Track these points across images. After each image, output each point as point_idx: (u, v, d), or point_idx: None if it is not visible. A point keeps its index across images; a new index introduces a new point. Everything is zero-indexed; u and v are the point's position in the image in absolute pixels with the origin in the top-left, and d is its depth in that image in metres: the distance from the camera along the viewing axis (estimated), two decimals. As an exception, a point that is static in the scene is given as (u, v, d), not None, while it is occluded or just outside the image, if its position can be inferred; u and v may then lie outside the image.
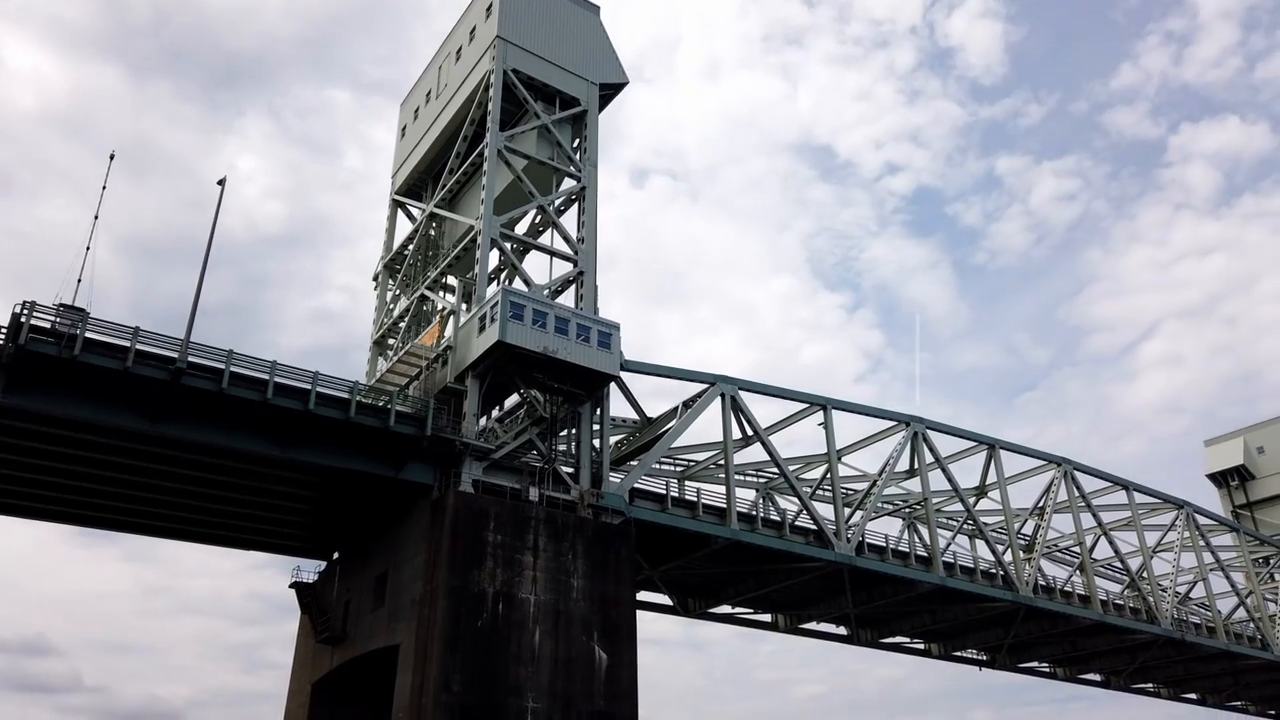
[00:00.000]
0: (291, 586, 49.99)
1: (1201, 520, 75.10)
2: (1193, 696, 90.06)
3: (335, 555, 51.89)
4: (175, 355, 37.05)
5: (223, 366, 37.98)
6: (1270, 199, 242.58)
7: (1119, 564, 69.46)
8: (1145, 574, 68.68)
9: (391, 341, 56.90)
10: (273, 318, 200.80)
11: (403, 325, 55.51)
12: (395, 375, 49.40)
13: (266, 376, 38.84)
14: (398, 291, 58.87)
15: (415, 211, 60.48)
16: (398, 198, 61.71)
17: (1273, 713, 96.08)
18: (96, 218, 41.45)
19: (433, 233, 57.30)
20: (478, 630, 37.75)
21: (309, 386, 39.56)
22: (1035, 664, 77.73)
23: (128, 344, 36.45)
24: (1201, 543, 73.84)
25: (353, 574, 48.05)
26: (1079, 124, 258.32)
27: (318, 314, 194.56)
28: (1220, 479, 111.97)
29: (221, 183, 44.18)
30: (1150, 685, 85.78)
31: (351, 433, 40.83)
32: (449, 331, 47.72)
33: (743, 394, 51.26)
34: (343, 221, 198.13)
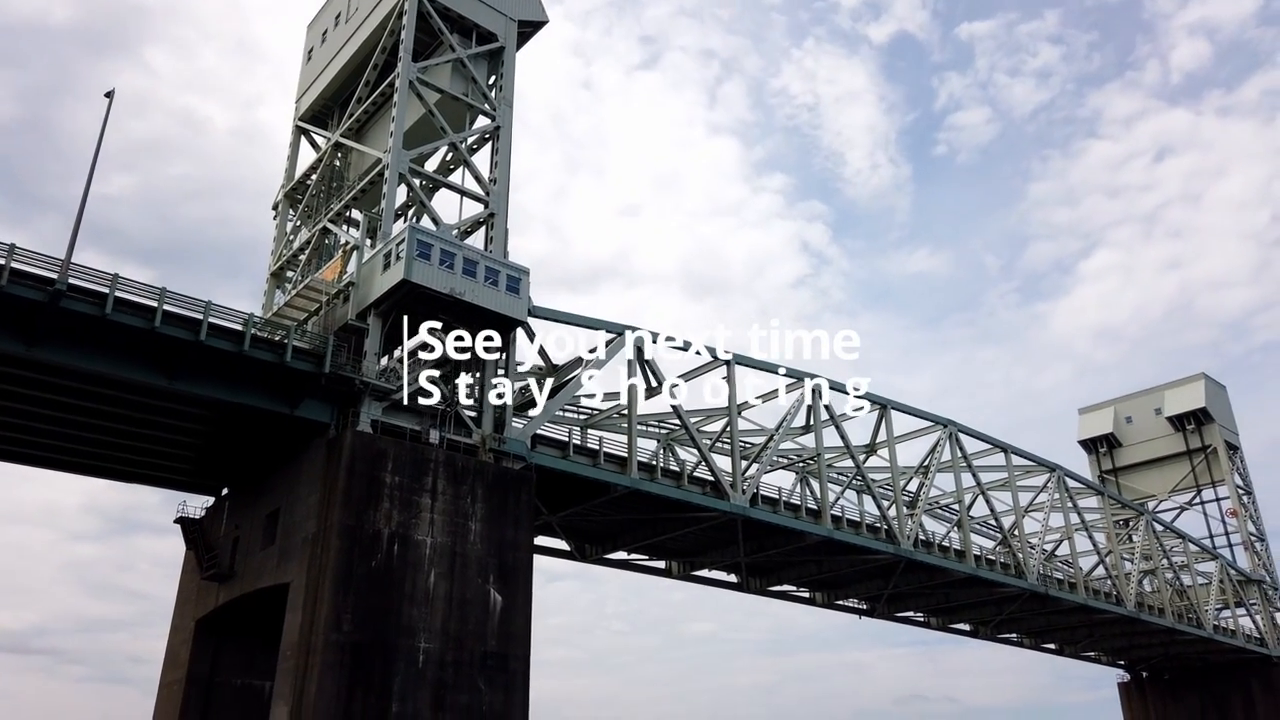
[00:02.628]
0: (177, 522, 48.54)
1: (1071, 483, 79.90)
2: (1051, 646, 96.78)
3: (224, 491, 50.48)
4: (54, 276, 35.00)
5: (107, 290, 36.07)
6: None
7: (993, 522, 73.47)
8: (1016, 532, 72.89)
9: (290, 274, 54.97)
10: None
11: (303, 258, 53.63)
12: (293, 309, 47.85)
13: (155, 303, 37.10)
14: (298, 222, 56.74)
15: (320, 140, 58.15)
16: (302, 124, 59.11)
17: (1122, 662, 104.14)
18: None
19: (338, 163, 55.24)
20: (371, 570, 37.47)
21: (200, 316, 37.99)
22: (911, 613, 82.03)
23: (2, 262, 34.21)
24: (1069, 504, 78.63)
25: (242, 511, 46.89)
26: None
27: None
28: (1090, 445, 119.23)
29: (109, 95, 41.50)
30: (1014, 635, 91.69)
31: (245, 366, 39.49)
32: (351, 267, 46.39)
33: (649, 345, 51.63)
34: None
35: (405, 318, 43.49)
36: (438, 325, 43.68)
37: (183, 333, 37.68)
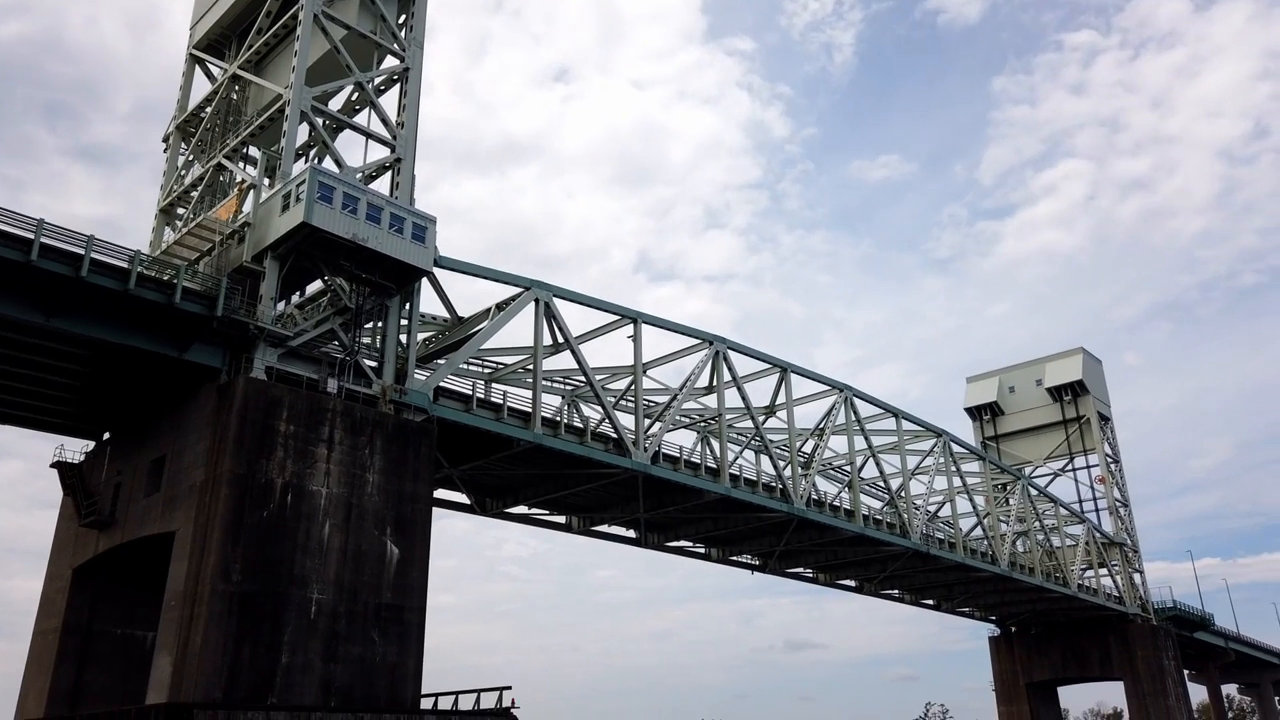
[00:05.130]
0: (54, 466, 46.33)
1: (955, 448, 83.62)
2: (930, 602, 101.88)
3: (106, 435, 48.32)
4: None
5: (-24, 220, 33.74)
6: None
7: (882, 483, 76.42)
8: (903, 493, 76.09)
9: (181, 211, 52.42)
10: None
11: (195, 194, 51.14)
12: (184, 248, 45.73)
13: (31, 235, 34.90)
14: (191, 157, 54.00)
15: (216, 71, 55.24)
16: (196, 53, 55.97)
17: (993, 617, 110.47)
18: None
19: (235, 97, 52.65)
20: (263, 520, 36.60)
21: (82, 251, 35.94)
22: (801, 569, 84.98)
23: None
24: (953, 468, 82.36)
25: (125, 456, 45.01)
26: None
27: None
28: (975, 412, 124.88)
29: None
30: (896, 591, 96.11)
31: (131, 306, 37.64)
32: (248, 206, 44.46)
33: (557, 301, 51.40)
34: None
35: (304, 262, 42.13)
36: (338, 272, 42.46)
37: (62, 268, 35.63)
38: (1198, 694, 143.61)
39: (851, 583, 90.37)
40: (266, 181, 45.64)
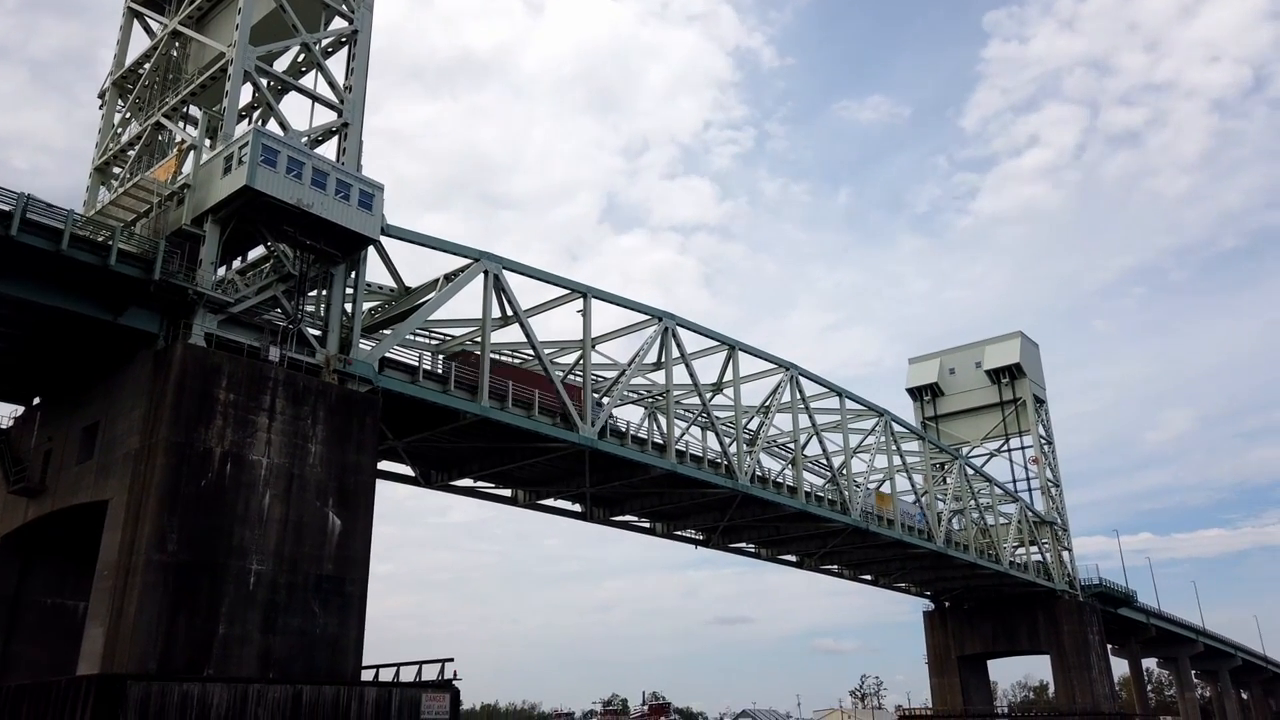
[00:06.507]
0: (-22, 432, 44.82)
1: (896, 428, 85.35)
2: (868, 578, 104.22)
3: (36, 400, 46.82)
4: None
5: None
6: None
7: (825, 461, 77.69)
8: (845, 471, 77.46)
9: (117, 170, 50.68)
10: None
11: (132, 153, 49.47)
12: (120, 209, 44.24)
13: (-45, 192, 33.47)
14: (128, 115, 52.16)
15: (155, 25, 53.30)
16: (134, 6, 53.94)
17: (928, 593, 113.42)
18: None
19: (175, 53, 50.90)
20: (200, 490, 35.88)
21: (11, 208, 34.57)
22: (744, 544, 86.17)
23: None
24: (894, 447, 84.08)
25: (57, 422, 43.70)
26: None
27: None
28: (916, 393, 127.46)
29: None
30: (835, 566, 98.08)
31: (63, 267, 36.35)
32: (187, 168, 43.16)
33: (506, 273, 50.99)
34: None
35: (247, 227, 41.11)
36: (282, 238, 41.53)
37: (-11, 226, 34.24)
38: (1120, 668, 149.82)
39: (792, 558, 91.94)
40: (208, 143, 44.28)
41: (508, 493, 67.17)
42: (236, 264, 46.13)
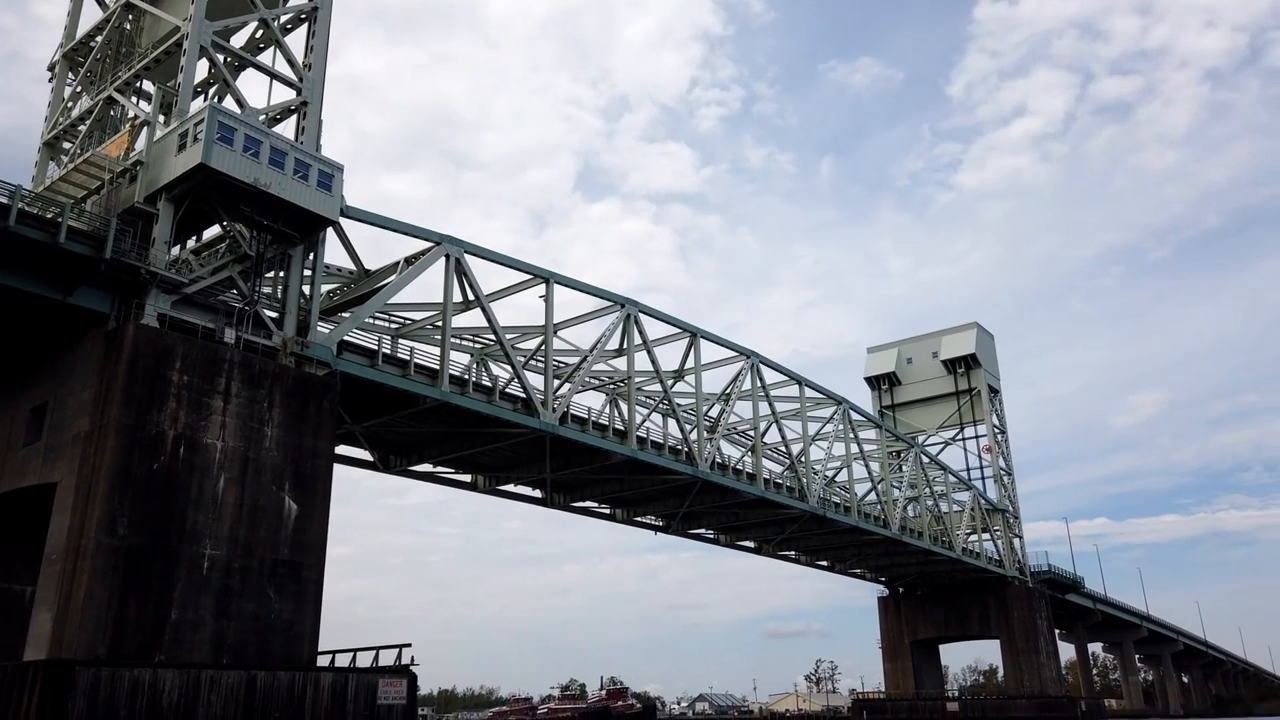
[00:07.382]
0: (-81, 412, 43.47)
1: (854, 416, 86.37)
2: (824, 563, 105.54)
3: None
4: None
5: None
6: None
7: (784, 448, 78.43)
8: (803, 458, 78.27)
9: (68, 146, 49.33)
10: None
11: (83, 128, 48.16)
12: (70, 185, 43.12)
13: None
14: (79, 89, 50.74)
15: (107, -3, 51.82)
16: (85, -25, 52.39)
17: (883, 579, 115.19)
18: None
19: (128, 26, 49.54)
20: (153, 473, 35.25)
21: (-46, 184, 33.56)
22: (703, 530, 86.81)
23: None
24: (851, 435, 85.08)
25: (3, 403, 42.54)
26: None
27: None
28: (874, 382, 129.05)
29: None
30: (792, 553, 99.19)
31: (11, 244, 35.34)
32: (140, 144, 42.12)
33: (468, 257, 50.58)
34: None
35: (202, 206, 40.29)
36: (238, 218, 40.76)
37: (-69, 200, 33.21)
38: (1067, 652, 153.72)
39: (750, 544, 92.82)
40: (162, 119, 43.22)
41: (468, 478, 66.89)
42: (191, 244, 45.18)
